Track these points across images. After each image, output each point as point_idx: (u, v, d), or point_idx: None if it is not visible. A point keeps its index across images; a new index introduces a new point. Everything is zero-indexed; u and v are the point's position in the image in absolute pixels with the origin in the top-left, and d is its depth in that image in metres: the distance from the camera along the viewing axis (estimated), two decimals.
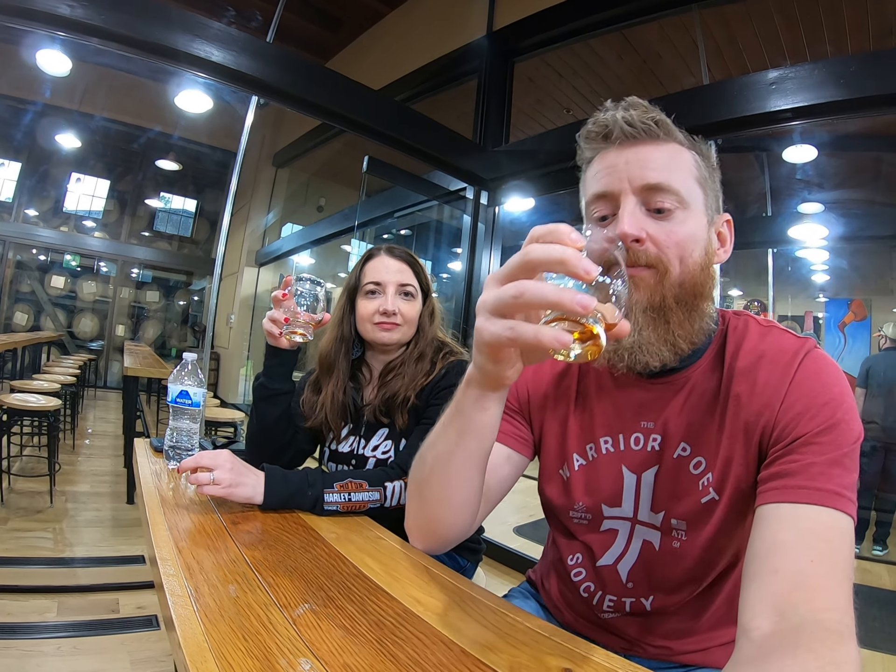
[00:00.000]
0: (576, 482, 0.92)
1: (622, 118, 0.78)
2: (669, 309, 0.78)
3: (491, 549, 3.23)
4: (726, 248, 0.86)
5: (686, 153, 0.81)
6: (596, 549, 0.92)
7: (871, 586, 3.45)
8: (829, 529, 0.65)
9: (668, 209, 0.77)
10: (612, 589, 0.90)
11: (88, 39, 2.30)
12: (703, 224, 0.81)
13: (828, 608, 0.59)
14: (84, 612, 2.26)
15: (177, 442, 1.32)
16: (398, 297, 1.40)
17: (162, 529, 0.94)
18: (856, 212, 5.60)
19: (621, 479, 0.88)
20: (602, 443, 0.90)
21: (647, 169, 0.77)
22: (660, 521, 0.86)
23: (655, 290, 0.77)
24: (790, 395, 0.74)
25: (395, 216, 5.06)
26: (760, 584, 0.63)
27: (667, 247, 0.77)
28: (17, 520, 3.08)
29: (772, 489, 0.70)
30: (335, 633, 0.67)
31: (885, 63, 2.22)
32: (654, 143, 0.79)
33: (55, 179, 8.64)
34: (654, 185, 0.77)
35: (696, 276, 0.79)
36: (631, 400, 0.88)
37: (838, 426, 0.70)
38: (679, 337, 0.79)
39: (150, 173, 9.32)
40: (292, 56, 2.93)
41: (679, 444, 0.83)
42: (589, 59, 4.49)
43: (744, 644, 0.61)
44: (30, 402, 3.41)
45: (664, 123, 0.79)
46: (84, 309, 9.14)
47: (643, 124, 0.78)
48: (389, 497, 1.18)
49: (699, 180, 0.81)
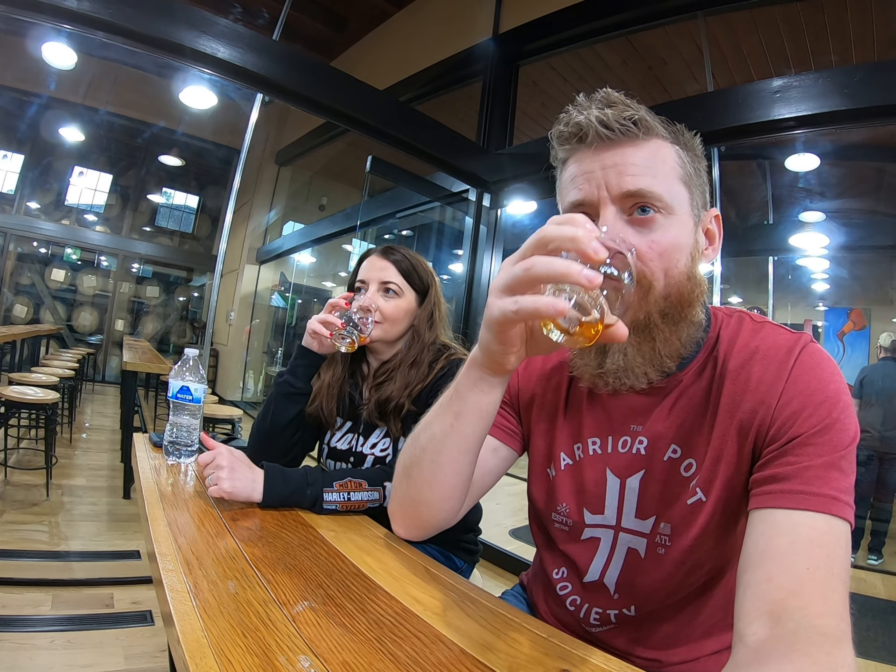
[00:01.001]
0: (561, 482, 0.91)
1: (597, 119, 0.72)
2: (655, 326, 0.75)
3: (486, 551, 3.23)
4: (715, 246, 0.82)
5: (668, 150, 0.76)
6: (580, 562, 0.89)
7: (867, 595, 3.46)
8: (824, 535, 0.63)
9: (650, 216, 0.72)
10: (599, 602, 0.88)
11: (94, 33, 2.30)
12: (689, 227, 0.76)
13: (824, 614, 0.59)
14: (78, 605, 2.26)
15: (176, 437, 1.32)
16: (378, 294, 1.40)
17: (161, 525, 0.94)
18: (857, 221, 5.61)
19: (604, 484, 0.86)
20: (590, 443, 0.88)
21: (625, 175, 0.72)
22: (649, 527, 0.83)
23: (640, 307, 0.73)
24: (787, 393, 0.71)
25: (397, 216, 5.07)
26: (755, 592, 0.62)
27: (650, 259, 0.72)
28: (13, 512, 3.08)
29: (766, 493, 0.68)
30: (334, 631, 0.67)
31: (889, 73, 2.23)
32: (632, 144, 0.73)
33: (58, 172, 8.64)
34: (633, 192, 0.72)
35: (681, 286, 0.75)
36: (621, 403, 0.85)
37: (834, 426, 0.68)
38: (665, 356, 0.76)
39: (153, 168, 9.33)
40: (298, 54, 2.93)
41: (669, 445, 0.81)
42: (594, 63, 4.49)
43: (740, 650, 0.60)
44: (28, 395, 3.40)
45: (642, 121, 0.73)
46: (84, 303, 9.14)
47: (620, 125, 0.72)
48: (389, 497, 1.18)
49: (684, 179, 0.76)
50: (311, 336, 1.37)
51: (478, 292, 3.78)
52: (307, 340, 1.38)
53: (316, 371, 1.42)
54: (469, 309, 3.77)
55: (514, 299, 0.58)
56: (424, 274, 1.47)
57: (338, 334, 1.29)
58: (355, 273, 1.48)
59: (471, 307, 3.77)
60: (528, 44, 4.06)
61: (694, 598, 0.85)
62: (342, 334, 1.29)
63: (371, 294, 1.39)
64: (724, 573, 0.84)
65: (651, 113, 0.75)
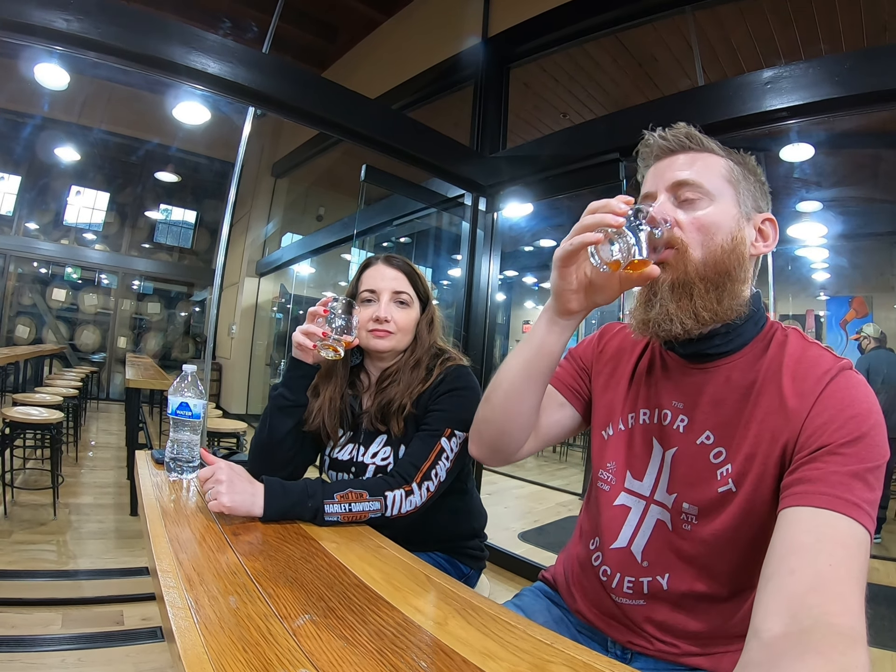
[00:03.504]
0: (613, 443, 1.02)
1: (659, 136, 0.93)
2: (692, 283, 0.86)
3: (495, 555, 3.22)
4: (768, 244, 0.92)
5: (718, 159, 0.91)
6: (610, 528, 0.98)
7: (880, 584, 3.44)
8: (848, 538, 0.66)
9: (693, 199, 0.88)
10: (628, 570, 0.94)
11: (85, 53, 2.31)
12: (732, 214, 0.89)
13: (841, 613, 0.60)
14: (88, 624, 2.26)
15: (177, 454, 1.32)
16: (392, 304, 1.40)
17: (163, 541, 0.94)
18: (854, 209, 5.60)
19: (650, 451, 0.96)
20: (642, 413, 0.99)
21: (675, 170, 0.90)
22: (671, 503, 0.91)
23: (678, 267, 0.86)
24: (818, 406, 0.77)
25: (394, 224, 5.07)
26: (777, 584, 0.64)
27: (689, 230, 0.87)
28: (21, 532, 3.08)
29: (793, 494, 0.72)
30: (335, 644, 0.66)
31: (879, 59, 2.22)
32: (686, 153, 0.92)
33: (55, 192, 8.66)
34: (680, 182, 0.89)
35: (719, 257, 0.86)
36: (670, 379, 0.96)
37: (864, 439, 0.72)
38: (700, 307, 0.86)
39: (150, 185, 9.34)
40: (288, 66, 2.94)
41: (704, 432, 0.88)
42: (584, 63, 4.49)
43: (753, 645, 0.62)
44: (32, 415, 3.41)
45: (695, 136, 0.92)
46: (85, 321, 9.15)
47: (675, 139, 0.92)
48: (390, 506, 1.18)
49: (729, 179, 0.90)
50: (297, 349, 1.35)
51: (476, 296, 3.77)
52: (296, 352, 1.36)
53: (310, 382, 1.39)
54: (469, 313, 3.76)
55: (570, 240, 0.82)
56: (424, 283, 1.48)
57: (321, 345, 1.26)
58: (357, 282, 1.46)
59: (470, 311, 3.75)
60: (518, 46, 4.06)
61: (721, 599, 0.88)
62: (325, 344, 1.25)
63: (385, 305, 1.39)
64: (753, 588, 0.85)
65: (708, 137, 0.93)
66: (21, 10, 2.12)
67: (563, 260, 0.84)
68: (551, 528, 4.21)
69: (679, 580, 0.89)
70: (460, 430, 1.30)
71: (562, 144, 3.43)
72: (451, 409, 1.30)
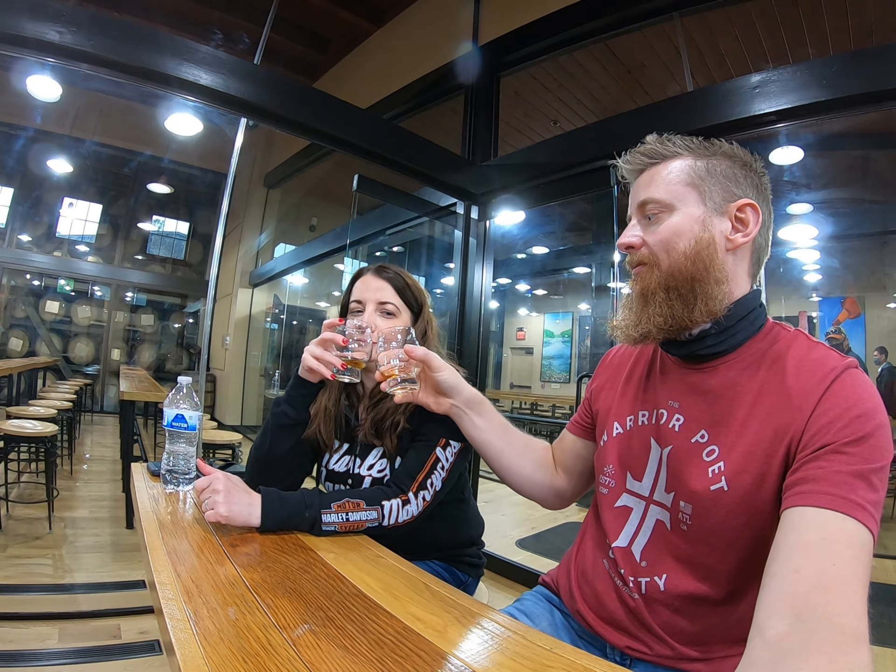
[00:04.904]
0: (610, 447, 1.04)
1: (624, 162, 0.99)
2: (654, 292, 0.91)
3: (493, 562, 3.21)
4: (748, 231, 0.91)
5: (677, 163, 0.94)
6: (612, 529, 0.99)
7: (881, 583, 3.44)
8: (853, 538, 0.66)
9: (656, 213, 0.93)
10: (628, 570, 0.94)
11: (77, 65, 2.31)
12: (696, 216, 0.90)
13: (845, 612, 0.60)
14: (85, 638, 2.24)
15: (174, 466, 1.31)
16: (377, 314, 1.40)
17: (160, 554, 0.93)
18: (844, 210, 5.64)
19: (648, 451, 0.97)
20: (640, 415, 1.01)
21: (639, 191, 0.96)
22: (670, 501, 0.91)
23: (648, 280, 0.92)
24: (823, 404, 0.77)
25: (386, 233, 5.07)
26: (780, 583, 0.64)
27: (653, 244, 0.93)
28: (16, 546, 3.06)
29: (797, 493, 0.72)
30: (335, 653, 0.66)
31: (865, 61, 2.24)
32: (648, 170, 0.97)
33: (48, 204, 8.65)
34: (642, 202, 0.95)
35: (682, 264, 0.89)
36: (667, 380, 0.99)
37: (868, 439, 0.72)
38: (656, 314, 0.90)
39: (143, 197, 9.35)
40: (279, 77, 2.94)
41: (699, 430, 0.89)
42: (574, 71, 4.53)
43: (757, 644, 0.62)
44: (26, 429, 3.39)
45: (652, 151, 0.96)
46: (79, 333, 9.13)
47: (637, 159, 0.97)
48: (387, 515, 1.17)
49: (689, 182, 0.92)
50: (308, 372, 1.30)
51: (470, 305, 3.78)
52: (304, 374, 1.32)
53: (313, 399, 1.38)
54: (462, 321, 3.77)
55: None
56: (417, 292, 1.46)
57: (339, 374, 1.22)
58: (349, 293, 1.46)
59: (463, 320, 3.76)
60: (509, 54, 4.08)
61: (723, 601, 0.87)
62: (344, 374, 1.22)
63: (368, 315, 1.39)
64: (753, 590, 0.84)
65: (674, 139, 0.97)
66: (13, 22, 2.12)
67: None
68: (549, 534, 4.20)
69: (676, 581, 0.89)
70: (455, 440, 1.30)
71: (553, 152, 3.45)
72: (446, 418, 1.29)
